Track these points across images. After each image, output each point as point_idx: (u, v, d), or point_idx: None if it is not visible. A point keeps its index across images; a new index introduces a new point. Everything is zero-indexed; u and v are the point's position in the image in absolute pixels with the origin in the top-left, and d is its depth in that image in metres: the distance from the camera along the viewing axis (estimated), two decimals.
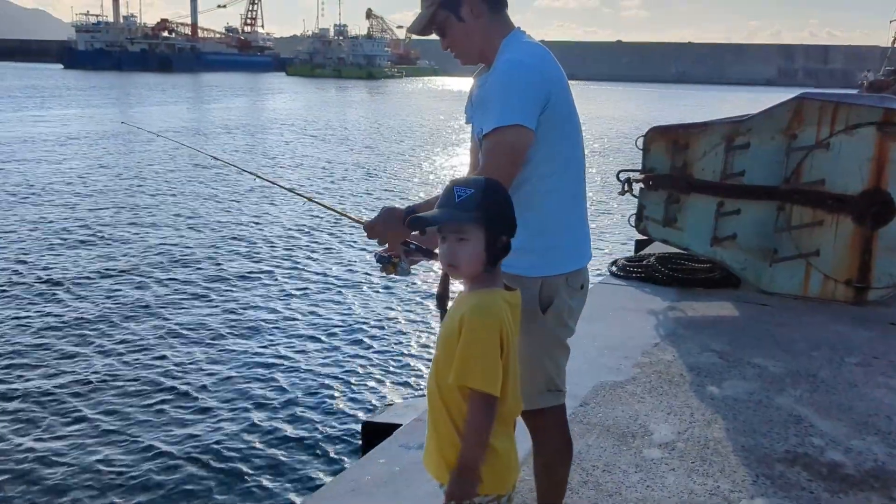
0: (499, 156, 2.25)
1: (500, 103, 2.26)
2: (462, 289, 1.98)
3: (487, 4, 2.42)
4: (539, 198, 2.34)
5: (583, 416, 3.87)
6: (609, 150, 26.76)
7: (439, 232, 1.92)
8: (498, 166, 2.22)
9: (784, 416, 3.94)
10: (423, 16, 2.46)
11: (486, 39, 2.43)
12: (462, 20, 2.41)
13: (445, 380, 1.87)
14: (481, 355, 1.81)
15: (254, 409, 6.34)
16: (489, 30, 2.42)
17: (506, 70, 2.31)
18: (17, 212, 13.84)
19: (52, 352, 7.41)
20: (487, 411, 1.83)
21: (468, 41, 2.45)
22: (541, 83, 2.31)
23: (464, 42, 2.45)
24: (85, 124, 31.45)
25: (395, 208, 2.38)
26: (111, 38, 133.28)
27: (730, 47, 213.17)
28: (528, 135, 2.26)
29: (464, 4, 2.40)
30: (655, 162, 6.25)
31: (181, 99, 54.02)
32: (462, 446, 1.85)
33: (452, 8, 2.40)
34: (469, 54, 2.48)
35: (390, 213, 2.36)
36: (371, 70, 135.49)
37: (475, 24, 2.41)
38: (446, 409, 1.90)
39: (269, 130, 32.44)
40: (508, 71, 2.30)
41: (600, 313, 5.46)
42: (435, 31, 2.48)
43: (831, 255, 5.86)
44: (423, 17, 2.45)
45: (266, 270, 10.65)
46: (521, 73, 2.29)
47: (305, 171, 20.52)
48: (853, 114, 5.70)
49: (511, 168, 2.25)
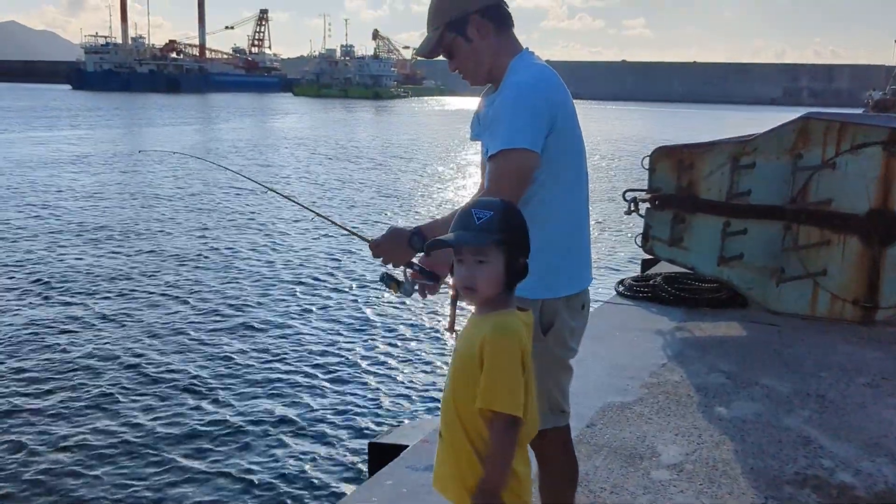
0: (504, 178, 2.26)
1: (507, 126, 2.27)
2: (473, 311, 1.98)
3: (494, 24, 2.43)
4: (541, 221, 2.34)
5: (590, 438, 3.85)
6: (615, 170, 26.79)
7: (456, 255, 1.91)
8: (503, 189, 2.23)
9: (793, 438, 3.92)
10: (430, 38, 2.47)
11: (495, 59, 2.44)
12: (469, 40, 2.42)
13: (465, 403, 1.86)
14: (507, 378, 1.81)
15: (259, 428, 6.32)
16: (497, 49, 2.44)
17: (513, 93, 2.32)
18: (28, 230, 13.92)
19: (63, 368, 7.42)
20: (512, 435, 1.82)
21: (476, 61, 2.46)
22: (547, 107, 2.32)
23: (472, 62, 2.47)
24: (94, 145, 31.67)
25: (401, 229, 2.38)
26: (120, 59, 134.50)
27: (734, 67, 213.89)
28: (533, 158, 2.27)
29: (470, 25, 2.41)
30: (661, 181, 6.26)
31: (191, 119, 54.38)
32: (486, 470, 1.83)
33: (459, 29, 2.42)
34: (478, 74, 2.50)
35: (396, 233, 2.37)
36: (377, 90, 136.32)
37: (483, 44, 2.43)
38: (465, 432, 1.88)
39: (278, 149, 32.59)
40: (515, 93, 2.31)
41: (607, 333, 5.45)
42: (443, 53, 2.49)
43: (839, 274, 5.85)
44: (431, 40, 2.47)
45: (273, 287, 10.66)
46: (528, 96, 2.30)
47: (314, 189, 20.58)
48: (859, 133, 5.71)
49: (516, 191, 2.26)
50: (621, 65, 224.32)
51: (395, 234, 2.36)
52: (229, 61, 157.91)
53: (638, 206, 6.39)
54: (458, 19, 2.41)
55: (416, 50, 2.60)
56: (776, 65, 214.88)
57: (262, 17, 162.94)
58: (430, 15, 2.47)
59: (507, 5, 2.49)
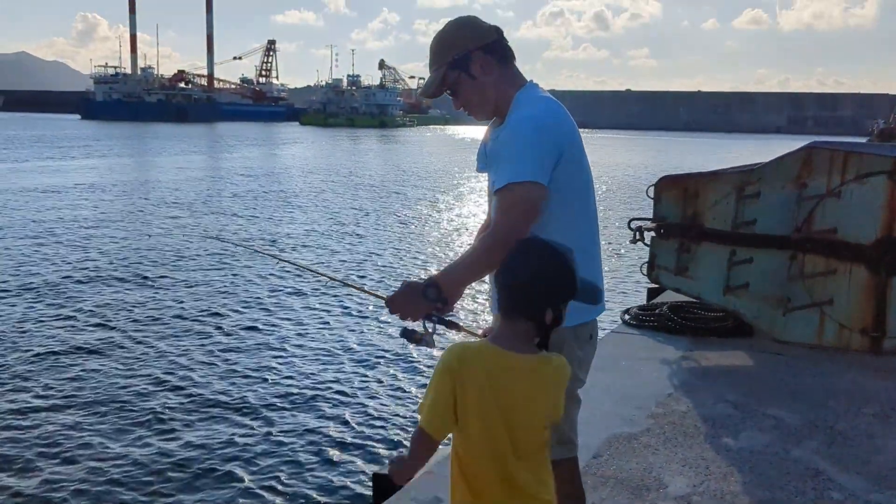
0: (512, 212, 2.26)
1: (514, 159, 2.28)
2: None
3: (496, 59, 2.45)
4: None
5: (596, 469, 3.82)
6: (621, 199, 26.82)
7: None
8: (511, 222, 2.24)
9: (801, 469, 3.88)
10: (433, 79, 2.49)
11: (500, 93, 2.45)
12: (473, 77, 2.44)
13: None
14: (428, 394, 1.96)
15: (263, 458, 6.28)
16: (501, 83, 2.45)
17: (519, 126, 2.33)
18: (37, 257, 13.99)
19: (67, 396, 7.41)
20: (418, 442, 1.98)
21: (482, 97, 2.47)
22: (553, 139, 2.33)
23: (477, 99, 2.48)
24: (105, 175, 31.92)
25: (415, 282, 2.35)
26: (129, 88, 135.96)
27: (739, 95, 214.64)
28: (541, 190, 2.28)
29: (473, 62, 2.43)
30: (666, 210, 6.27)
31: (199, 149, 54.79)
32: (395, 462, 2.02)
33: (463, 67, 2.43)
34: (483, 110, 2.51)
35: (410, 287, 2.33)
36: (383, 119, 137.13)
37: (487, 79, 2.44)
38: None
39: (286, 180, 32.76)
40: (522, 127, 2.32)
41: (613, 363, 5.43)
42: (447, 91, 2.50)
43: (845, 303, 5.82)
44: (435, 80, 2.48)
45: (278, 327, 10.65)
46: (535, 129, 2.31)
47: (326, 234, 20.43)
48: (864, 162, 5.72)
49: (524, 224, 2.25)
50: (626, 94, 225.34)
51: (410, 289, 2.33)
52: (237, 91, 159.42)
53: (643, 234, 6.39)
54: (460, 57, 2.43)
55: (420, 91, 2.63)
56: (781, 94, 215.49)
57: (269, 47, 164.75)
58: (433, 55, 2.49)
59: (507, 40, 2.50)
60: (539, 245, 2.05)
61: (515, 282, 2.01)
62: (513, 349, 1.98)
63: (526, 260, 2.02)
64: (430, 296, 2.27)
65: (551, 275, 1.99)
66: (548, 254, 2.01)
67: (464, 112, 2.54)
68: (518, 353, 1.98)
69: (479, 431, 1.95)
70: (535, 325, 1.99)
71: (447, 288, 2.27)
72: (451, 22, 2.51)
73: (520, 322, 1.99)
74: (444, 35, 2.48)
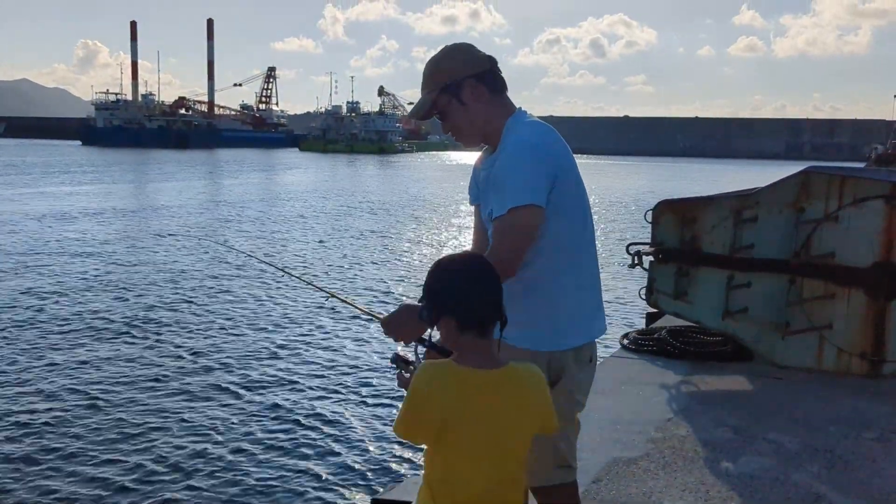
0: (514, 236, 2.28)
1: (512, 184, 2.30)
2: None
3: (487, 87, 2.48)
4: (549, 276, 2.35)
5: (595, 493, 3.80)
6: (619, 223, 26.89)
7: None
8: (513, 246, 2.25)
9: (802, 494, 3.86)
10: (424, 101, 2.52)
11: (489, 121, 2.48)
12: (464, 104, 2.47)
13: None
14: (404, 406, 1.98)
15: (262, 482, 6.24)
16: (490, 111, 2.48)
17: (515, 151, 2.35)
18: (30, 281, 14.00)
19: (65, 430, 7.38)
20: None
21: (470, 124, 2.50)
22: (548, 161, 2.35)
23: (466, 125, 2.51)
24: (108, 200, 32.00)
25: (412, 305, 2.33)
26: (129, 115, 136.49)
27: (737, 122, 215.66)
28: (540, 213, 2.30)
29: (465, 88, 2.46)
30: (664, 235, 6.28)
31: (200, 175, 54.99)
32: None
33: (454, 92, 2.47)
34: (471, 136, 2.54)
35: (406, 308, 2.33)
36: (382, 145, 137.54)
37: (477, 106, 2.47)
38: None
39: (285, 204, 32.85)
40: (517, 151, 2.34)
41: (612, 387, 5.41)
42: (436, 115, 2.53)
43: (844, 327, 5.82)
44: (426, 103, 2.51)
45: (277, 347, 10.63)
46: (530, 152, 2.34)
47: (322, 253, 20.59)
48: (861, 187, 5.74)
49: (520, 247, 2.28)
50: (624, 120, 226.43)
51: (405, 310, 2.33)
52: (237, 117, 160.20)
53: (642, 259, 6.40)
54: (452, 83, 2.46)
55: (411, 112, 2.65)
56: (778, 120, 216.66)
57: (269, 74, 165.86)
58: (426, 78, 2.52)
59: (500, 70, 2.54)
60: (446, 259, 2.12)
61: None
62: (477, 366, 1.97)
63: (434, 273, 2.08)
64: (424, 317, 2.27)
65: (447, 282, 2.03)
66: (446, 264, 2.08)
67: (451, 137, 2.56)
68: (480, 370, 1.96)
69: (459, 451, 1.94)
70: (475, 334, 1.98)
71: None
72: (447, 47, 2.55)
73: (465, 335, 1.98)
74: (439, 60, 2.51)
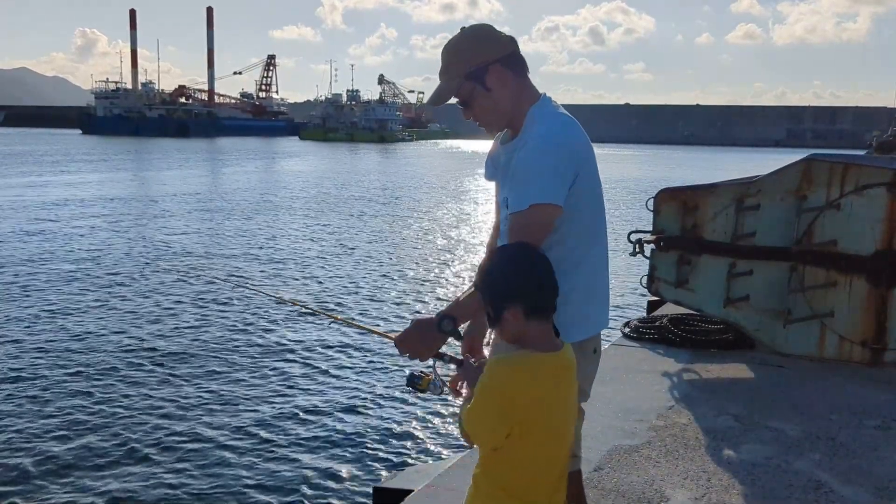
0: (532, 233, 2.23)
1: (534, 181, 2.24)
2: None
3: (512, 71, 2.38)
4: (564, 269, 2.34)
5: (597, 482, 3.81)
6: (620, 211, 26.83)
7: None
8: (530, 242, 2.24)
9: (804, 481, 3.86)
10: (445, 88, 2.40)
11: (515, 106, 2.39)
12: (489, 90, 2.36)
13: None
14: (479, 411, 1.95)
15: (263, 471, 6.26)
16: (516, 97, 2.38)
17: (539, 145, 2.27)
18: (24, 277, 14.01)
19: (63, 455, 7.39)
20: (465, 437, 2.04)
21: (496, 110, 2.40)
22: (571, 159, 2.30)
23: (492, 111, 2.40)
24: (119, 189, 31.97)
25: (425, 318, 2.30)
26: (129, 104, 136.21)
27: (738, 109, 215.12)
28: (558, 212, 2.26)
29: (490, 74, 2.34)
30: (666, 223, 6.27)
31: (200, 163, 54.87)
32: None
33: (478, 79, 2.35)
34: (496, 123, 2.45)
35: (422, 322, 2.29)
36: (383, 134, 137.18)
37: (503, 92, 2.37)
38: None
39: (286, 198, 32.81)
40: (541, 147, 2.26)
41: (614, 375, 5.42)
42: (458, 102, 2.42)
43: (846, 315, 5.82)
44: (447, 90, 2.39)
45: (284, 350, 10.64)
46: (553, 149, 2.27)
47: (330, 261, 20.51)
48: (863, 174, 5.73)
49: (541, 244, 2.24)
50: (624, 108, 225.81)
51: (421, 324, 2.28)
52: (237, 106, 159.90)
53: (643, 247, 6.38)
54: (478, 69, 2.34)
55: (429, 100, 2.51)
56: (779, 107, 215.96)
57: (269, 62, 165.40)
58: (446, 64, 2.39)
59: (521, 51, 2.43)
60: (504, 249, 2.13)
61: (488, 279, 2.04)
62: (546, 350, 1.97)
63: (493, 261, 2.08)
64: (445, 328, 2.24)
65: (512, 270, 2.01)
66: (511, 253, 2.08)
67: (473, 123, 2.47)
68: (549, 353, 1.97)
69: (539, 442, 1.94)
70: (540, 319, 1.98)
71: (464, 319, 2.26)
72: (468, 31, 2.41)
73: (532, 322, 1.97)
74: (461, 45, 2.38)
